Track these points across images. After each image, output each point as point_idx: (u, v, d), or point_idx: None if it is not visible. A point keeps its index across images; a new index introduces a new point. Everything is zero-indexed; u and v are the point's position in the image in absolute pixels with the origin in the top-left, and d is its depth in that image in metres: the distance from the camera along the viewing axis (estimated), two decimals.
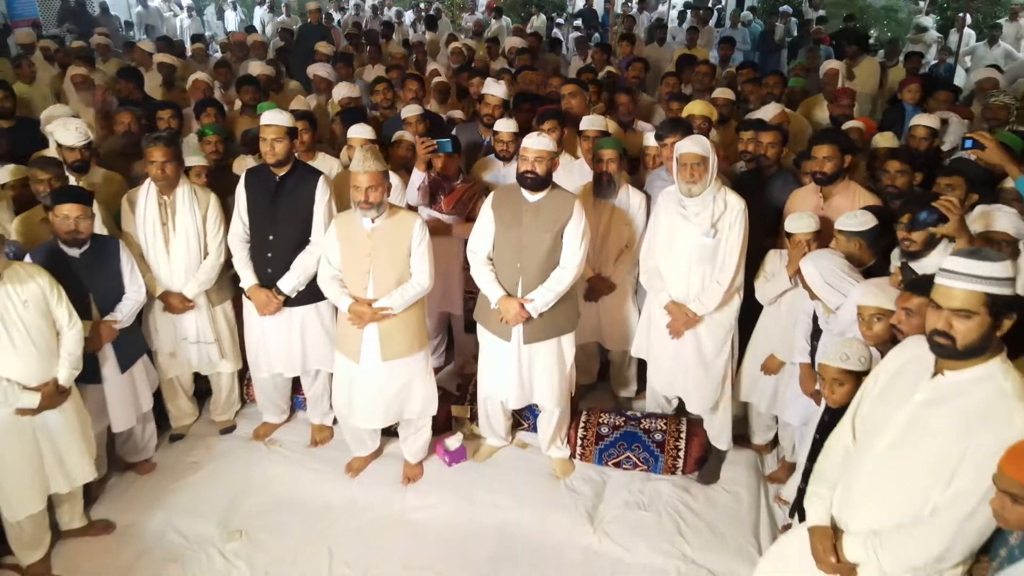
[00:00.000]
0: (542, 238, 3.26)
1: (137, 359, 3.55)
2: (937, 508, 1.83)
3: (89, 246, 3.29)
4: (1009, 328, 1.79)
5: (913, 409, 1.90)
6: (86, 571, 3.23)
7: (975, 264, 1.74)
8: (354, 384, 3.45)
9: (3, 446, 2.88)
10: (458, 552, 3.32)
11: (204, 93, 5.81)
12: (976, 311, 1.73)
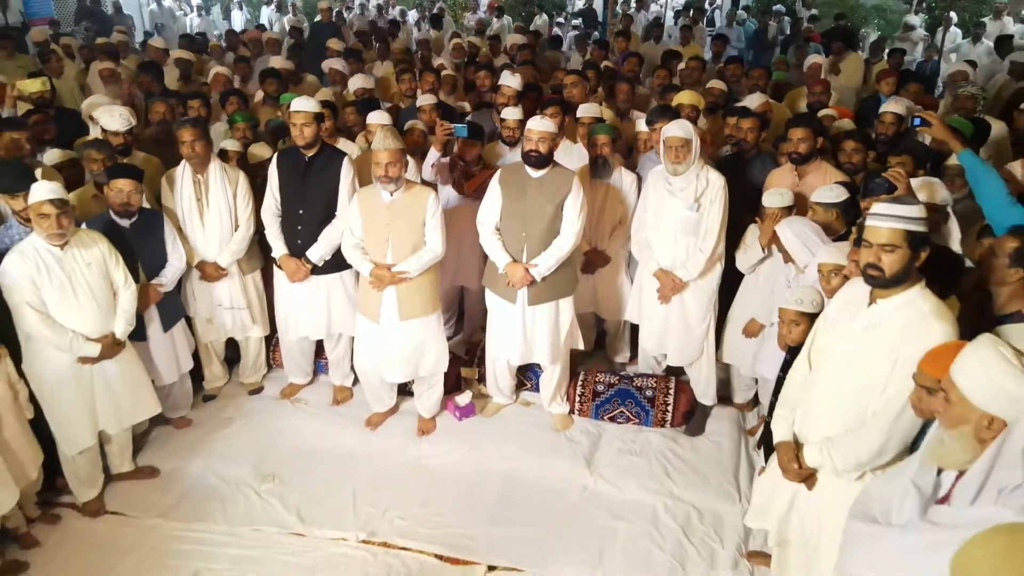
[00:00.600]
0: (544, 210, 3.64)
1: (177, 321, 3.94)
2: (875, 412, 2.22)
3: (137, 218, 3.68)
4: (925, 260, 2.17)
5: (854, 335, 2.29)
6: (137, 508, 3.61)
7: (896, 207, 2.13)
8: (374, 343, 3.83)
9: (65, 389, 3.27)
10: (468, 493, 3.70)
11: (224, 86, 6.20)
12: (899, 245, 2.12)
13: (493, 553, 3.32)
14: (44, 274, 3.12)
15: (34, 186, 3.07)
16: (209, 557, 3.30)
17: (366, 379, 4.06)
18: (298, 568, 3.25)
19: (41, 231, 3.09)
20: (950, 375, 1.74)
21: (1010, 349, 1.69)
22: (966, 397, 1.69)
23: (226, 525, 3.49)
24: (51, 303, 3.15)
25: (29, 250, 3.11)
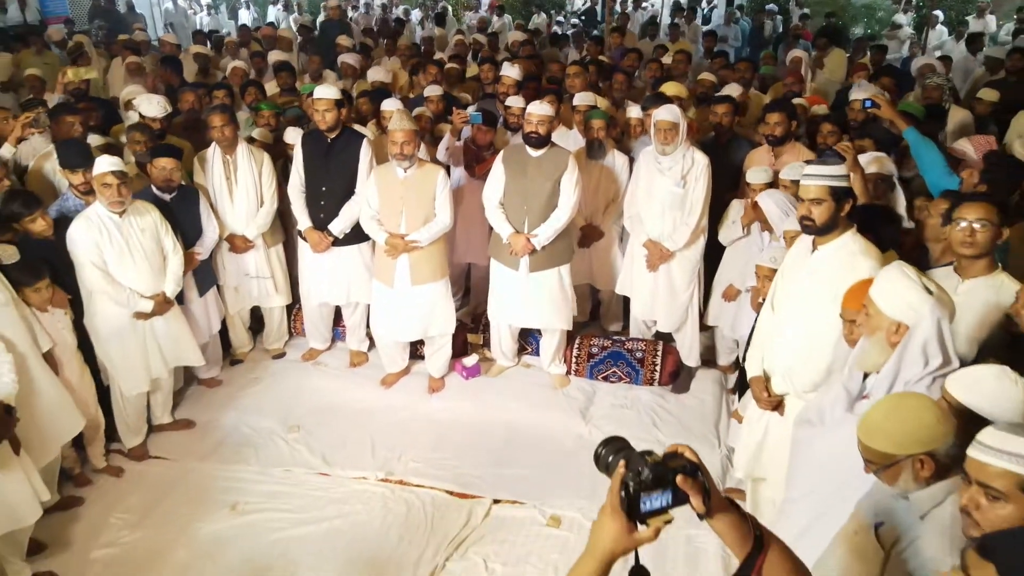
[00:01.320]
0: (543, 186, 4.05)
1: (210, 288, 4.35)
2: (821, 340, 2.63)
3: (177, 192, 4.09)
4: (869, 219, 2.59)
5: (803, 279, 2.71)
6: (177, 453, 4.02)
7: (821, 168, 2.56)
8: (389, 306, 4.24)
9: (123, 339, 3.69)
10: (475, 440, 4.10)
11: (241, 78, 6.61)
12: (824, 199, 2.54)
13: (497, 489, 3.73)
14: (105, 237, 3.54)
15: (98, 160, 3.49)
16: (245, 492, 3.71)
17: (381, 342, 4.47)
18: (326, 501, 3.66)
19: (103, 199, 3.51)
20: (868, 294, 2.15)
21: (913, 270, 2.10)
22: (879, 309, 2.10)
23: (259, 467, 3.90)
24: (111, 263, 3.57)
25: (93, 216, 3.53)
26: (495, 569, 3.26)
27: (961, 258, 2.64)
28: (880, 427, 1.73)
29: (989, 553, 1.24)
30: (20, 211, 3.40)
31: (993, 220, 2.48)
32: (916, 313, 2.05)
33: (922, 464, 1.65)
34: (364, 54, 7.47)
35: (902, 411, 1.71)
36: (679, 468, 1.30)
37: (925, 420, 1.68)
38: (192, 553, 3.34)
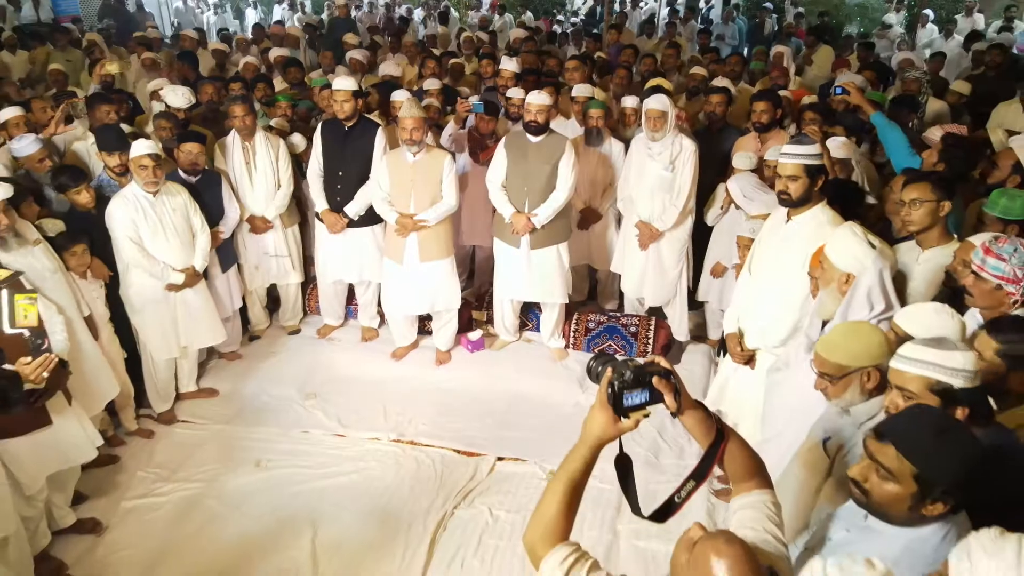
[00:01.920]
0: (543, 169, 4.36)
1: (232, 265, 4.66)
2: (791, 299, 2.94)
3: (202, 176, 4.40)
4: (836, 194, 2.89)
5: (777, 245, 3.02)
6: (203, 418, 4.33)
7: (797, 147, 2.86)
8: (399, 281, 4.55)
9: (156, 309, 4.01)
10: (479, 406, 4.41)
11: (253, 73, 6.91)
12: (799, 175, 2.84)
13: (500, 448, 4.04)
14: (141, 215, 3.85)
15: (135, 144, 3.81)
16: (267, 451, 4.02)
17: (391, 316, 4.79)
18: (342, 459, 3.97)
19: (140, 180, 3.82)
20: (823, 250, 2.46)
21: (860, 229, 2.42)
22: (832, 262, 2.42)
23: (279, 429, 4.21)
24: (146, 239, 3.88)
25: (129, 195, 3.85)
26: (499, 516, 3.58)
27: (916, 231, 2.94)
28: (837, 344, 2.04)
29: (885, 435, 1.55)
30: (68, 183, 3.73)
31: (926, 198, 2.77)
32: (861, 264, 2.36)
33: (869, 376, 1.96)
34: (371, 51, 7.78)
35: (856, 333, 2.03)
36: (655, 372, 1.62)
37: (875, 340, 2.00)
38: (221, 503, 3.65)
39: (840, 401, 2.03)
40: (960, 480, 1.48)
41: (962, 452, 1.50)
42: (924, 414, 1.59)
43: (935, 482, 1.48)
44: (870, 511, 1.61)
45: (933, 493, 1.48)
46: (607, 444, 1.69)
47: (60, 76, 6.68)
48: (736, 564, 1.39)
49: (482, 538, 3.46)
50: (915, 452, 1.49)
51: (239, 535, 3.45)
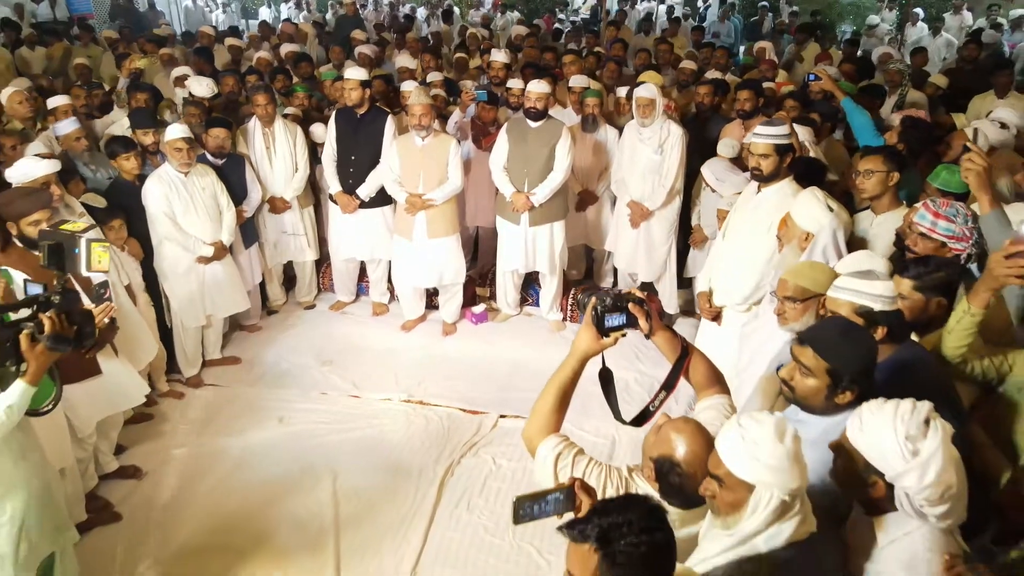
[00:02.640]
0: (541, 152, 4.72)
1: (254, 243, 5.03)
2: (755, 261, 3.30)
3: (227, 159, 4.76)
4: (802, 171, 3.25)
5: (747, 213, 3.38)
6: (228, 382, 4.70)
7: (768, 129, 3.21)
8: (409, 257, 4.92)
9: (186, 279, 4.38)
10: (483, 372, 4.77)
11: (267, 67, 7.28)
12: (769, 154, 3.19)
13: (503, 407, 4.40)
14: (174, 192, 4.22)
15: (170, 128, 4.17)
16: (288, 410, 4.38)
17: (401, 290, 5.15)
18: (357, 416, 4.34)
19: (174, 161, 4.19)
20: (788, 211, 2.82)
21: (822, 194, 2.78)
22: (795, 222, 2.78)
23: (299, 390, 4.58)
24: (178, 215, 4.25)
25: (164, 175, 4.22)
26: (501, 464, 3.94)
27: (869, 199, 3.30)
28: (804, 272, 2.42)
29: (804, 340, 1.92)
30: (119, 149, 4.11)
31: (878, 168, 3.12)
32: (819, 224, 2.73)
33: (823, 304, 2.31)
34: (379, 46, 8.15)
35: (818, 266, 2.43)
36: (632, 299, 1.99)
37: (831, 274, 2.38)
38: (248, 453, 4.02)
39: (797, 325, 2.39)
40: (863, 371, 1.85)
41: (863, 348, 1.87)
42: (833, 321, 1.97)
43: (843, 373, 1.84)
44: (796, 404, 1.97)
45: (842, 383, 1.84)
46: (591, 358, 2.07)
47: (85, 70, 7.06)
48: (691, 436, 1.76)
49: (486, 482, 3.82)
50: (827, 350, 1.86)
51: (265, 481, 3.82)
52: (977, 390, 2.34)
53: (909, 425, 1.52)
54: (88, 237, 2.37)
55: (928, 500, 1.51)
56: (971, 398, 2.33)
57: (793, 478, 1.53)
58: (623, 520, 1.36)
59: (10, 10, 11.60)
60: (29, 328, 2.11)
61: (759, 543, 1.56)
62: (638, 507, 1.41)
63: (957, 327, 2.12)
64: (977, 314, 2.06)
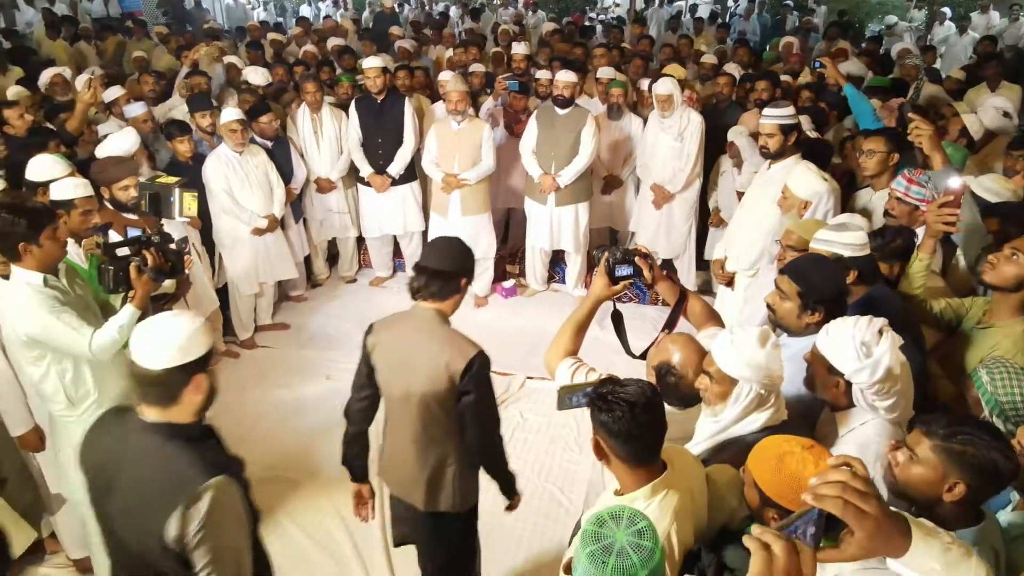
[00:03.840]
0: (568, 137, 5.09)
1: (301, 218, 5.46)
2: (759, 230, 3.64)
3: (275, 141, 5.19)
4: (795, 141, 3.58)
5: (758, 187, 3.72)
6: (279, 344, 5.14)
7: (773, 110, 3.55)
8: (444, 232, 5.26)
9: (242, 249, 4.81)
10: (512, 339, 5.14)
11: (313, 59, 7.73)
12: (775, 133, 3.53)
13: (529, 370, 4.78)
14: (231, 170, 4.65)
15: (225, 111, 4.60)
16: (335, 368, 4.79)
17: None
18: None
19: (229, 142, 4.62)
20: (786, 183, 3.16)
21: (815, 168, 3.11)
22: (793, 192, 3.12)
23: (343, 352, 4.98)
24: (235, 190, 4.68)
25: (221, 154, 4.66)
26: (528, 417, 4.33)
27: (870, 177, 3.61)
28: (808, 227, 2.76)
29: (783, 271, 2.28)
30: (175, 132, 4.55)
31: (879, 149, 3.44)
32: (816, 194, 3.06)
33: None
34: (417, 41, 8.59)
35: (821, 223, 2.77)
36: (637, 254, 2.37)
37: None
38: (299, 403, 4.44)
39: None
40: (829, 295, 2.20)
41: (828, 276, 2.22)
42: (808, 256, 2.34)
43: (810, 295, 2.19)
44: (777, 326, 2.32)
45: (809, 304, 2.19)
46: (604, 301, 2.44)
47: (143, 62, 7.57)
48: (683, 345, 2.12)
49: (514, 433, 4.21)
50: (799, 277, 2.22)
51: (314, 426, 4.23)
52: (940, 334, 2.66)
53: (865, 333, 1.87)
54: (180, 188, 2.78)
55: (877, 394, 1.85)
56: (934, 341, 2.65)
57: (769, 375, 1.88)
58: (614, 386, 1.71)
59: (67, 7, 12.28)
60: (136, 261, 2.53)
61: (739, 428, 1.92)
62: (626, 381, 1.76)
63: (911, 271, 2.48)
64: (924, 259, 2.42)
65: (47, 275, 2.56)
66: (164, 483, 1.68)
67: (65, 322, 2.51)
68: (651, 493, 1.66)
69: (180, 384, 1.73)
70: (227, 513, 1.72)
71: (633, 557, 1.32)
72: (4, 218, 2.45)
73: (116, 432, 1.81)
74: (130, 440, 1.76)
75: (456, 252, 2.53)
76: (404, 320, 2.52)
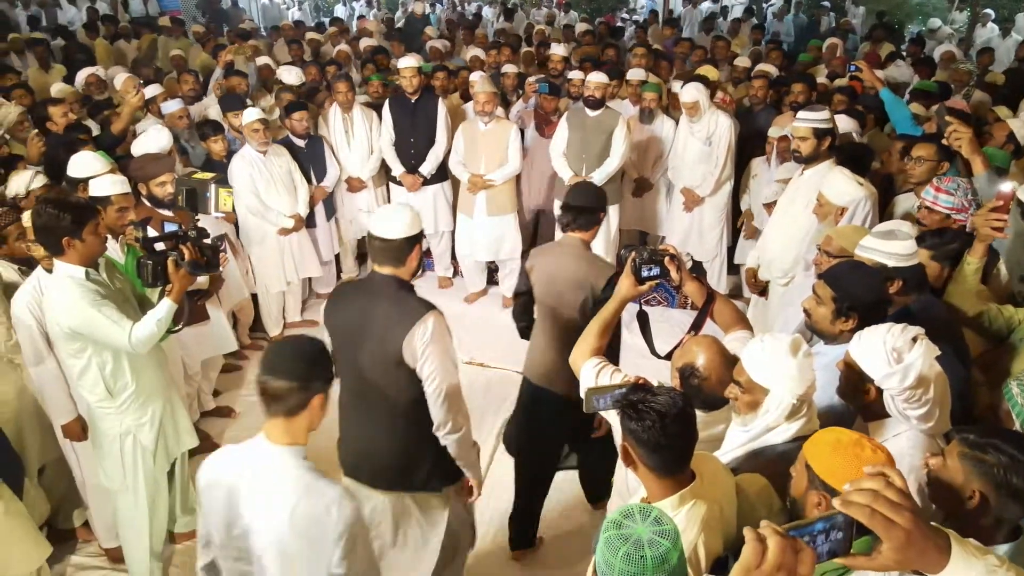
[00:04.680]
0: (599, 139, 5.06)
1: (333, 216, 5.50)
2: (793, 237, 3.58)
3: (308, 139, 5.24)
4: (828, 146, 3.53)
5: (791, 193, 3.66)
6: None
7: (807, 113, 3.51)
8: (470, 232, 5.34)
9: (269, 247, 4.86)
10: None
11: (346, 59, 7.80)
12: (807, 137, 3.49)
13: None
14: (256, 170, 4.71)
15: (247, 111, 4.66)
16: None
17: (464, 263, 5.57)
18: None
19: (253, 141, 4.67)
20: (821, 191, 3.12)
21: (849, 172, 3.06)
22: (828, 199, 3.07)
23: None
24: (260, 190, 4.73)
25: (246, 154, 4.71)
26: None
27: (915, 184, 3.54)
28: (847, 234, 2.71)
29: (823, 276, 2.24)
30: (208, 132, 4.63)
31: (930, 157, 3.37)
32: (852, 198, 3.01)
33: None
34: (450, 42, 8.64)
35: (861, 231, 2.71)
36: (666, 255, 2.35)
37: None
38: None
39: None
40: (863, 302, 2.15)
41: (865, 283, 2.18)
42: (849, 263, 2.29)
43: (843, 300, 2.15)
44: (812, 330, 2.29)
45: (843, 310, 2.16)
46: (630, 301, 2.43)
47: (180, 60, 7.69)
48: (707, 348, 2.10)
49: None
50: (835, 282, 2.18)
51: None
52: (986, 343, 2.60)
53: (897, 339, 1.83)
54: (217, 184, 2.82)
55: (907, 401, 1.82)
56: (979, 350, 2.59)
57: (801, 385, 1.85)
58: (645, 394, 1.70)
59: (108, 6, 12.53)
60: (173, 255, 2.57)
61: (771, 437, 1.89)
62: (658, 389, 1.75)
63: (959, 275, 2.42)
64: (973, 263, 2.36)
65: (89, 269, 2.61)
66: (401, 313, 2.37)
67: (106, 315, 2.56)
68: (679, 503, 1.65)
69: (407, 250, 2.40)
70: (443, 333, 2.42)
71: (647, 551, 1.30)
72: (50, 212, 2.50)
73: (362, 289, 2.53)
74: (374, 288, 2.45)
75: (594, 193, 3.14)
76: (555, 247, 3.22)
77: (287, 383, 1.75)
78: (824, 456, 1.53)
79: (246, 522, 1.84)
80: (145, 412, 2.80)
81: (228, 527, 1.86)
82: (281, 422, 1.80)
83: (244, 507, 1.83)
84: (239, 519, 1.84)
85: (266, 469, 1.82)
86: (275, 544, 1.81)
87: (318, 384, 1.83)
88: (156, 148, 3.85)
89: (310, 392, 1.80)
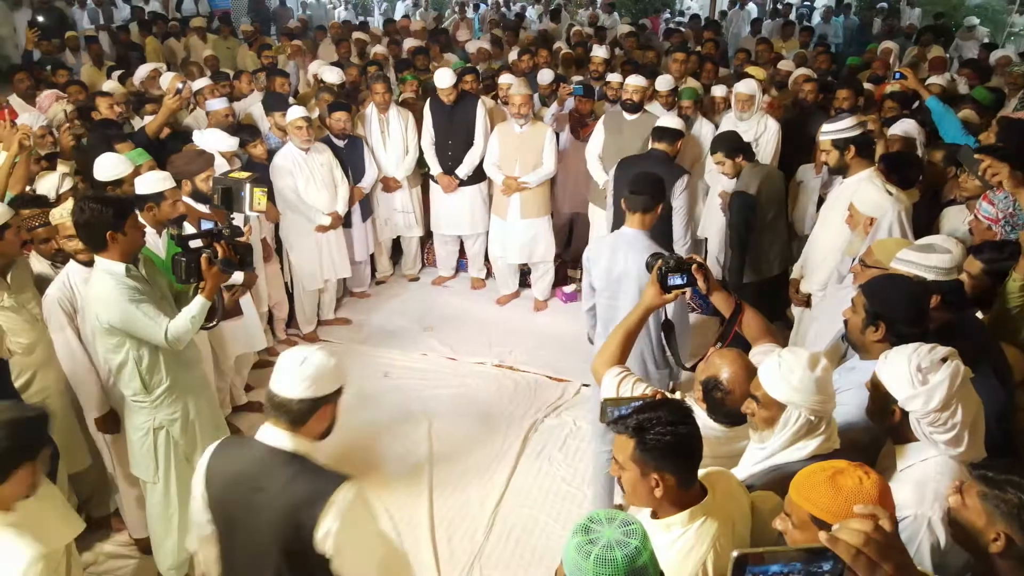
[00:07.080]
0: (635, 143, 5.01)
1: (369, 216, 5.56)
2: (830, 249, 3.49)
3: (348, 140, 5.29)
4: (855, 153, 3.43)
5: (831, 202, 3.58)
6: (340, 339, 5.25)
7: (829, 126, 3.43)
8: (503, 234, 5.34)
9: (307, 245, 4.93)
10: (570, 345, 5.05)
11: (385, 60, 7.87)
12: (829, 148, 3.43)
13: (586, 377, 4.67)
14: (297, 168, 4.78)
15: (291, 109, 4.72)
16: (393, 366, 4.88)
17: (496, 265, 5.58)
18: (453, 375, 4.79)
19: (295, 139, 4.74)
20: (851, 201, 3.04)
21: (880, 180, 2.97)
22: (858, 209, 2.99)
23: (402, 350, 5.06)
24: (301, 188, 4.80)
25: (288, 152, 4.79)
26: (581, 425, 4.29)
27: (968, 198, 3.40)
28: (889, 247, 2.62)
29: (862, 288, 2.17)
30: (247, 138, 4.70)
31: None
32: (881, 208, 2.94)
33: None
34: (493, 43, 8.65)
35: (903, 243, 2.63)
36: (693, 263, 2.31)
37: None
38: (357, 399, 4.50)
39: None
40: (891, 312, 2.09)
41: (898, 294, 2.11)
42: (888, 274, 2.24)
43: (871, 307, 2.09)
44: (849, 342, 2.23)
45: (870, 317, 2.10)
46: (655, 310, 2.40)
47: (214, 61, 7.80)
48: (732, 361, 2.06)
49: (566, 440, 4.19)
50: (869, 290, 2.13)
51: (371, 423, 4.30)
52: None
53: (924, 359, 1.77)
54: (251, 183, 2.86)
55: (933, 425, 1.75)
56: None
57: (818, 401, 1.81)
58: (655, 415, 1.67)
59: (159, 5, 12.87)
60: (207, 253, 2.62)
61: (787, 455, 1.84)
62: (668, 405, 1.72)
63: (1004, 292, 2.34)
64: (1018, 279, 2.28)
65: (128, 265, 2.66)
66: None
67: (144, 312, 2.61)
68: (689, 519, 1.62)
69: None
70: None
71: (616, 552, 1.29)
72: (92, 208, 2.55)
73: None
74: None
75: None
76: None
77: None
78: (826, 500, 1.43)
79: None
80: (178, 407, 2.86)
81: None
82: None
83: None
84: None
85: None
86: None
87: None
88: (217, 149, 3.97)
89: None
